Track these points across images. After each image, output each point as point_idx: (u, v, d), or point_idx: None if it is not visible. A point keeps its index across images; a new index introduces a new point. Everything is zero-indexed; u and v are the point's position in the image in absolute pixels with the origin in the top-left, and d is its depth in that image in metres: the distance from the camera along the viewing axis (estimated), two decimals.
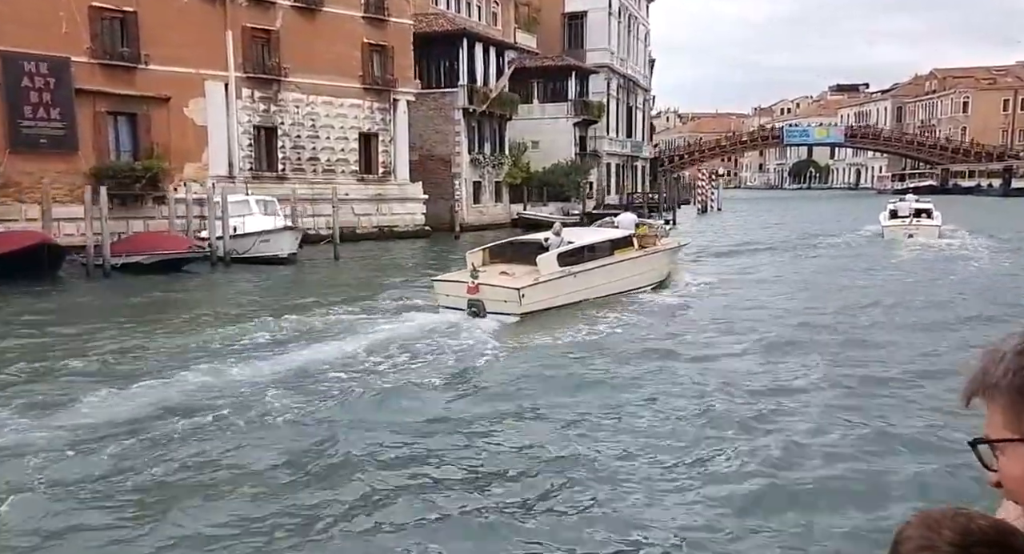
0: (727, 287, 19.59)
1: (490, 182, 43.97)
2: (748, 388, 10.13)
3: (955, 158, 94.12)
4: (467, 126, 41.71)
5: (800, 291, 19.05)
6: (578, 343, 13.13)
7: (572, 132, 52.06)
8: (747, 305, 16.90)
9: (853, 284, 19.82)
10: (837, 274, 21.88)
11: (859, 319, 14.97)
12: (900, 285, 19.50)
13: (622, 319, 15.01)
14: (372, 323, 14.48)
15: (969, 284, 19.40)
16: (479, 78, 42.58)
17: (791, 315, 15.50)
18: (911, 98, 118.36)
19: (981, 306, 15.95)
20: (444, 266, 24.59)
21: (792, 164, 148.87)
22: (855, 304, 16.57)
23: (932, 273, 21.71)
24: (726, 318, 15.34)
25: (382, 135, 35.63)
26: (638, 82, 65.18)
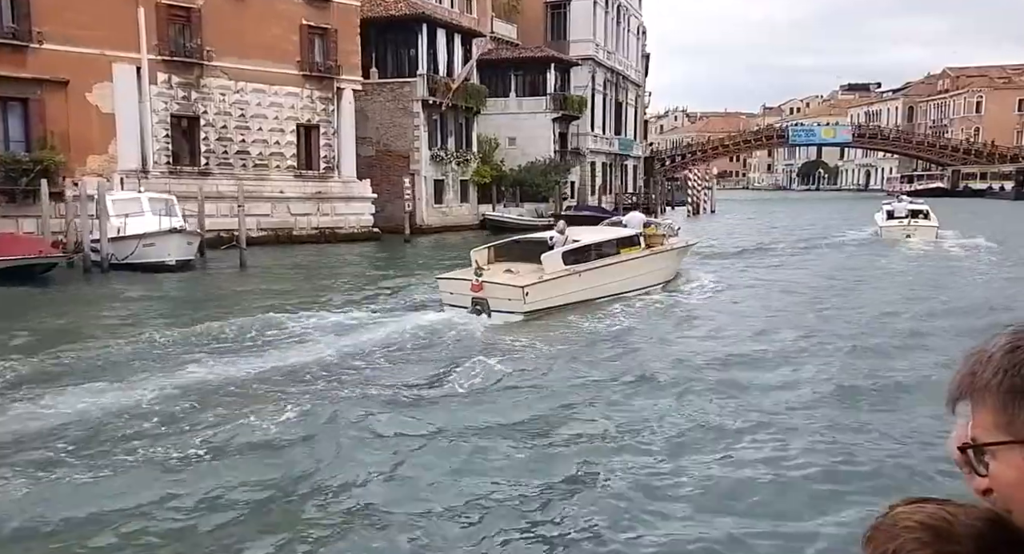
0: (735, 288, 19.25)
1: (455, 181, 40.71)
2: (756, 390, 9.97)
3: (966, 159, 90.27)
4: (428, 119, 38.48)
5: (808, 294, 18.48)
6: (582, 342, 12.98)
7: (551, 128, 48.70)
8: (754, 306, 16.72)
9: (856, 288, 19.38)
10: (841, 277, 21.30)
11: (865, 323, 14.59)
12: (905, 289, 19.09)
13: (627, 319, 14.89)
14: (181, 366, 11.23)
15: (968, 288, 19.00)
16: (441, 68, 39.34)
17: (802, 318, 15.16)
18: (923, 97, 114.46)
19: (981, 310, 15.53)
20: (377, 279, 21.43)
21: (801, 165, 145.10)
22: (861, 309, 16.20)
23: (936, 277, 21.19)
24: (733, 319, 15.12)
25: (324, 127, 32.43)
26: (628, 77, 61.72)
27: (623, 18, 59.78)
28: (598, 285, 16.02)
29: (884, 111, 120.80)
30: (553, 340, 13.03)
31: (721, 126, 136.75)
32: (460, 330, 13.63)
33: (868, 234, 33.33)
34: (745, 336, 13.48)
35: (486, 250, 16.08)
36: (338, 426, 8.38)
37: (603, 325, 14.33)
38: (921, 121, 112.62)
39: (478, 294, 14.51)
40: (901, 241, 29.41)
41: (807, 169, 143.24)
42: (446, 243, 35.50)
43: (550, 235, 16.59)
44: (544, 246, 15.90)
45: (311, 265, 25.84)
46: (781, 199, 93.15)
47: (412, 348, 12.56)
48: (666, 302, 16.90)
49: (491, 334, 13.41)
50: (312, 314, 14.99)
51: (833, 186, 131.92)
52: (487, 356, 11.70)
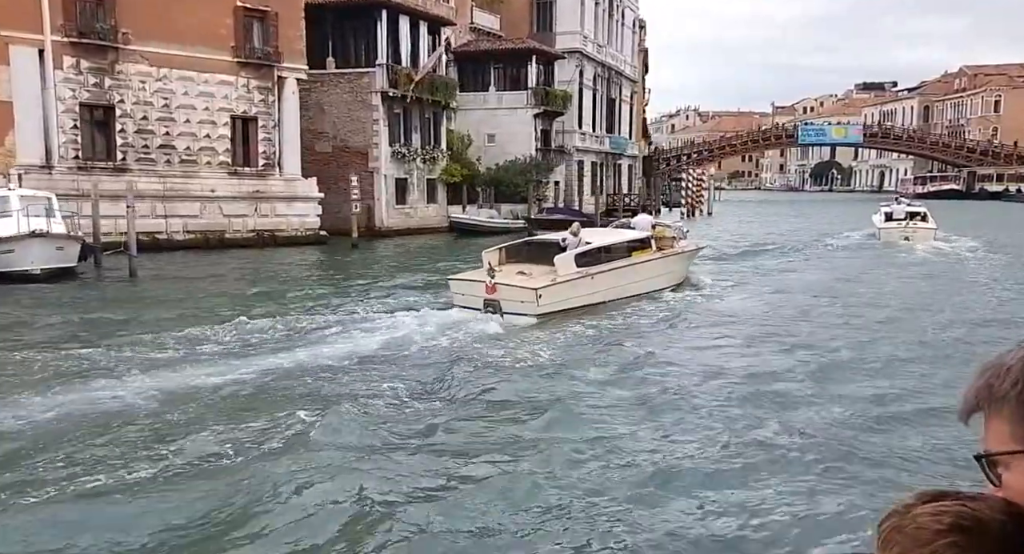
0: (744, 291, 19.10)
1: (420, 180, 37.69)
2: (769, 396, 9.89)
3: (983, 161, 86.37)
4: (388, 113, 35.48)
5: (817, 297, 18.16)
6: (595, 345, 12.87)
7: (532, 124, 45.60)
8: (766, 310, 16.57)
9: (865, 291, 19.26)
10: (849, 280, 21.15)
11: (868, 326, 14.55)
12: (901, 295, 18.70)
13: (641, 322, 14.84)
14: None
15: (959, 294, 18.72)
16: (404, 58, 36.33)
17: (816, 322, 15.05)
18: (939, 97, 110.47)
19: None
20: (301, 298, 18.24)
21: (814, 165, 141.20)
22: (868, 312, 16.15)
23: (930, 281, 20.97)
24: (742, 323, 14.97)
25: (263, 120, 29.50)
26: (623, 72, 58.46)
27: (616, 10, 56.55)
28: (610, 288, 15.88)
29: (899, 111, 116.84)
30: (566, 343, 12.90)
31: (733, 125, 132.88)
32: (471, 330, 13.39)
33: (862, 235, 33.28)
34: (757, 344, 13.17)
35: (497, 251, 15.90)
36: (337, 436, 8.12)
37: (616, 328, 14.24)
38: (937, 121, 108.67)
39: (491, 296, 14.33)
40: (899, 243, 29.21)
41: (820, 170, 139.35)
42: (406, 248, 32.56)
43: (562, 237, 16.30)
44: (556, 248, 15.79)
45: (225, 274, 22.84)
46: (789, 201, 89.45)
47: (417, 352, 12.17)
48: (678, 306, 16.71)
49: (504, 337, 13.17)
50: (146, 350, 12.03)
51: (847, 187, 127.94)
52: (499, 358, 11.65)
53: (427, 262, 27.82)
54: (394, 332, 13.24)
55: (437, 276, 22.79)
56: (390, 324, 13.84)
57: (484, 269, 14.91)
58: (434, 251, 32.34)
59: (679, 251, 18.69)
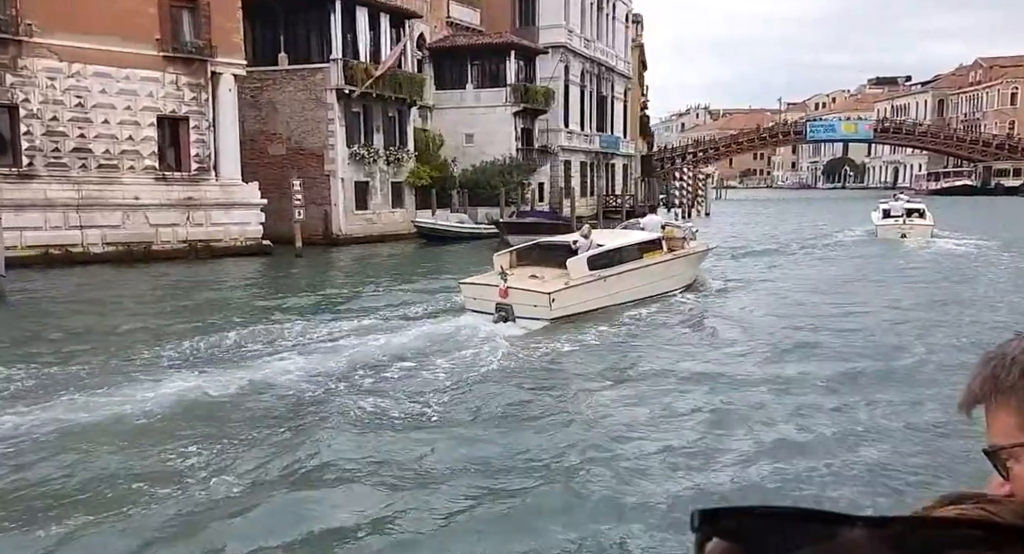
0: (755, 291, 18.96)
1: (384, 183, 34.89)
2: (786, 401, 9.63)
3: (999, 155, 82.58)
4: (345, 112, 32.70)
5: (825, 296, 18.03)
6: (612, 350, 12.64)
7: (512, 123, 42.74)
8: (778, 310, 16.38)
9: (872, 288, 19.25)
10: (856, 278, 21.15)
11: (883, 327, 14.30)
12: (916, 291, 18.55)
13: (657, 326, 14.67)
14: None
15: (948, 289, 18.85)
16: (364, 53, 33.55)
17: (830, 323, 14.65)
18: (953, 90, 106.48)
19: None
20: (217, 324, 15.65)
21: (826, 162, 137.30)
22: (877, 311, 15.98)
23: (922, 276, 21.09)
24: (756, 323, 14.84)
25: (195, 120, 26.77)
26: (614, 68, 55.41)
27: (606, 4, 53.50)
28: (622, 290, 15.62)
29: (912, 105, 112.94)
30: (581, 348, 12.69)
31: (744, 123, 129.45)
32: (483, 336, 13.04)
33: (860, 233, 33.11)
34: (776, 341, 13.10)
35: (508, 254, 15.66)
36: None
37: (631, 331, 14.05)
38: (952, 115, 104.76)
39: (503, 300, 14.02)
40: (895, 240, 29.08)
41: (832, 167, 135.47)
42: (362, 258, 29.79)
43: (573, 239, 16.05)
44: (568, 250, 15.46)
45: (124, 295, 20.11)
46: (798, 199, 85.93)
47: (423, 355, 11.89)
48: (692, 308, 16.52)
49: (518, 342, 12.87)
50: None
51: (860, 184, 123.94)
52: (513, 364, 11.47)
53: (378, 274, 25.05)
54: (400, 337, 12.93)
55: (386, 292, 20.23)
56: (397, 328, 13.77)
57: (496, 272, 14.59)
58: (393, 261, 29.55)
59: (690, 252, 18.32)
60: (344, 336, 13.50)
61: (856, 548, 0.62)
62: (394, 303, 17.58)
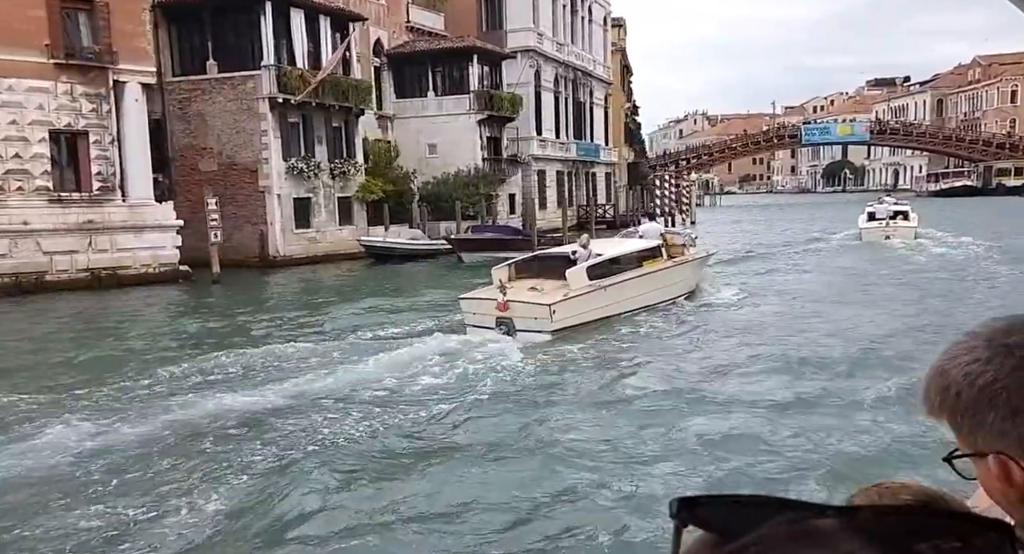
0: (757, 297, 18.57)
1: (329, 198, 31.80)
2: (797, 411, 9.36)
3: (1000, 154, 79.01)
4: (280, 122, 29.66)
5: (826, 300, 17.84)
6: (614, 364, 12.20)
7: (477, 131, 39.67)
8: (780, 316, 16.10)
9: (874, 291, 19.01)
10: (857, 280, 21.05)
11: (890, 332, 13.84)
12: None
13: (657, 335, 14.34)
14: None
15: None
16: (302, 58, 30.54)
17: (830, 327, 14.49)
18: (952, 89, 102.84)
19: None
20: None
21: (825, 165, 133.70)
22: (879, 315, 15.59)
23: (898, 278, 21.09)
24: (761, 330, 14.58)
25: (96, 134, 23.72)
26: (592, 73, 52.28)
27: (580, 6, 50.41)
28: (623, 300, 15.30)
29: (911, 105, 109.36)
30: (584, 361, 12.37)
31: (742, 128, 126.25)
32: (484, 351, 12.57)
33: (844, 237, 32.79)
34: (782, 348, 12.73)
35: (507, 267, 15.19)
36: None
37: (633, 342, 13.78)
38: (952, 115, 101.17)
39: (503, 314, 13.75)
40: (879, 242, 29.04)
41: (832, 170, 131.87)
42: (299, 282, 26.74)
43: (572, 249, 15.89)
44: (567, 261, 15.21)
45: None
46: (794, 204, 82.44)
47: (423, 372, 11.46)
48: (693, 316, 16.20)
49: (518, 355, 12.38)
50: None
51: (860, 187, 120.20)
52: (516, 380, 11.12)
53: (303, 300, 22.03)
54: (401, 353, 12.50)
55: (296, 322, 17.49)
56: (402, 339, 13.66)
57: (495, 286, 14.22)
58: (331, 284, 26.45)
59: (689, 259, 17.99)
60: (223, 380, 11.54)
61: (826, 535, 0.62)
62: (296, 335, 15.34)
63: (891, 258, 25.63)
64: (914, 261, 24.66)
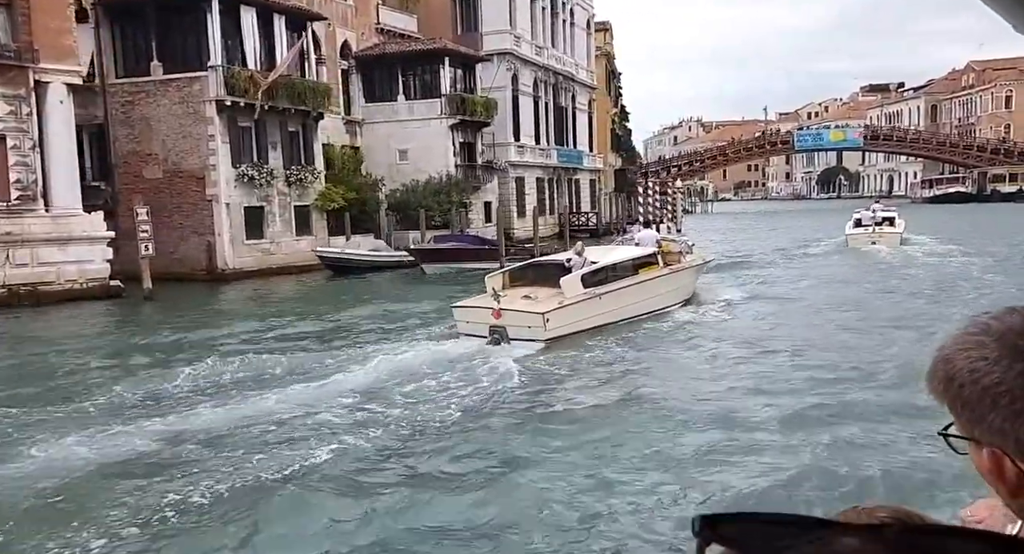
0: (754, 303, 18.35)
1: (284, 207, 29.76)
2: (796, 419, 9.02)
3: (995, 160, 76.94)
4: (229, 126, 27.63)
5: (826, 305, 17.79)
6: (608, 374, 11.84)
7: (449, 137, 37.67)
8: (778, 322, 15.90)
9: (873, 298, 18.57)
10: (850, 285, 21.04)
11: None
12: None
13: (654, 342, 14.03)
14: None
15: None
16: (255, 60, 28.54)
17: (830, 333, 14.38)
18: (946, 95, 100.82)
19: None
20: None
21: (820, 172, 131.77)
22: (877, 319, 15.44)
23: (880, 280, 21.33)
24: (760, 337, 14.23)
25: (14, 138, 21.65)
26: (575, 78, 50.27)
27: (561, 9, 48.42)
28: (618, 308, 14.91)
29: (905, 111, 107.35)
30: (577, 370, 12.05)
31: (737, 134, 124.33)
32: (477, 360, 12.31)
33: (831, 244, 32.36)
34: (781, 354, 12.61)
35: (501, 276, 15.01)
36: None
37: (629, 350, 13.25)
38: (946, 120, 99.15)
39: (497, 322, 13.40)
40: (865, 248, 28.96)
41: (826, 176, 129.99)
42: (242, 297, 24.72)
43: (567, 257, 15.73)
44: (561, 269, 14.95)
45: None
46: (788, 210, 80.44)
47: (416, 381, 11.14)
48: (689, 323, 15.73)
49: (511, 364, 12.01)
50: None
51: (855, 193, 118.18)
52: (508, 389, 10.77)
53: (245, 319, 19.91)
54: (389, 361, 12.30)
55: (212, 344, 15.35)
56: None
57: (488, 294, 13.98)
58: (278, 300, 24.32)
59: (686, 266, 17.66)
60: None
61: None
62: (220, 353, 13.78)
63: (873, 264, 25.38)
64: (895, 267, 24.56)
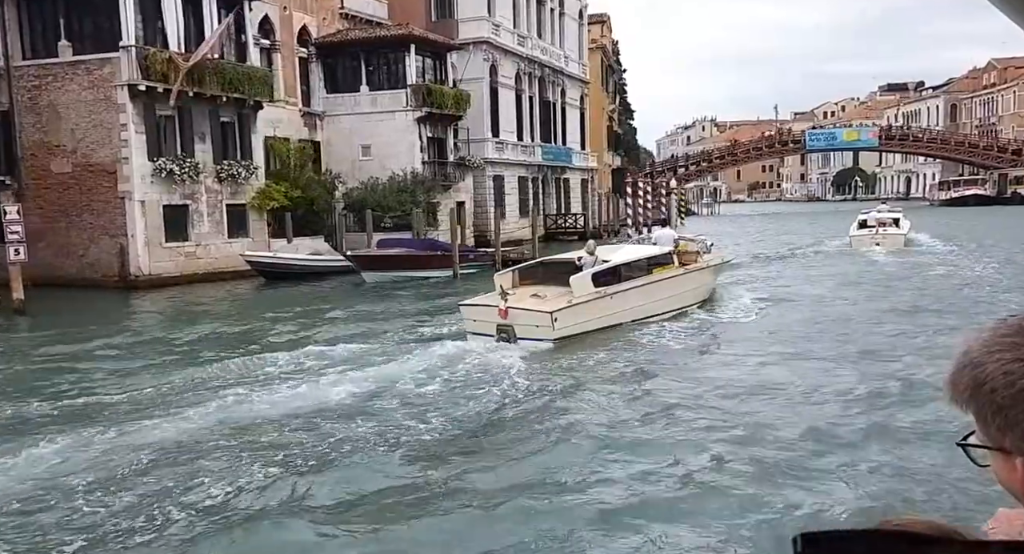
0: (777, 305, 17.35)
1: (215, 206, 26.30)
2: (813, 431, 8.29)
3: (1016, 161, 72.20)
4: (145, 115, 24.23)
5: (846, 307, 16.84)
6: (617, 372, 11.43)
7: (416, 131, 34.14)
8: (801, 326, 14.90)
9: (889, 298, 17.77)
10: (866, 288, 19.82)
11: None
12: None
13: (664, 344, 13.34)
14: None
15: None
16: (177, 41, 25.13)
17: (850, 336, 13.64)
18: (967, 94, 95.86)
19: None
20: None
21: (836, 173, 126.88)
22: None
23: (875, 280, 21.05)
24: (777, 341, 13.51)
25: None
26: (564, 71, 46.53)
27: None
28: (630, 308, 14.32)
29: (923, 111, 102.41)
30: (584, 371, 11.43)
31: (750, 134, 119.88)
32: (483, 360, 11.88)
33: (832, 246, 31.58)
34: (801, 359, 11.94)
35: (510, 273, 14.58)
36: None
37: (638, 352, 12.64)
38: (966, 120, 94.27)
39: (504, 321, 12.84)
40: (867, 249, 28.31)
41: (843, 177, 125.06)
42: (151, 309, 21.39)
43: (578, 256, 14.81)
44: (572, 267, 14.33)
45: None
46: (801, 212, 76.00)
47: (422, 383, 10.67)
48: (703, 325, 15.06)
49: (516, 365, 11.59)
50: None
51: (871, 195, 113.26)
52: (512, 390, 10.31)
53: (132, 336, 16.61)
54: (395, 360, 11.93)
55: None
56: None
57: (496, 292, 13.27)
58: (191, 315, 20.78)
59: (702, 266, 17.01)
60: None
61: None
62: None
63: (871, 266, 24.64)
64: (894, 268, 23.89)
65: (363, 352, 13.15)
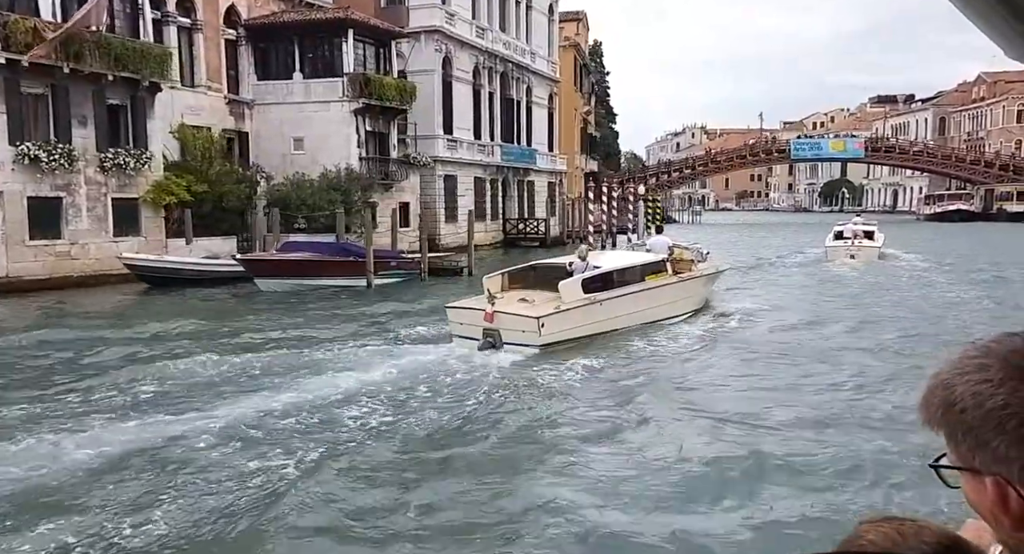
0: (767, 315, 16.79)
1: (96, 200, 22.43)
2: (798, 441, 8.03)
3: (1002, 176, 68.58)
4: (7, 92, 20.47)
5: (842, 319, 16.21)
6: (603, 381, 10.92)
7: (352, 123, 30.37)
8: (790, 335, 14.52)
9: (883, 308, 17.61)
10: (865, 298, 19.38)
11: None
12: None
13: (654, 353, 12.89)
14: None
15: None
16: (51, 10, 21.32)
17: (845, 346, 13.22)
18: (956, 107, 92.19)
19: None
20: None
21: (823, 184, 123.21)
22: None
23: None
24: (768, 351, 13.00)
25: None
26: (530, 68, 42.73)
27: None
28: (621, 315, 13.70)
29: (912, 123, 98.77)
30: (569, 379, 10.90)
31: (739, 142, 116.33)
32: (467, 365, 11.47)
33: (803, 257, 31.56)
34: (793, 370, 11.55)
35: (499, 277, 13.81)
36: None
37: (626, 361, 12.17)
38: (954, 134, 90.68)
39: (490, 325, 12.29)
40: (841, 261, 28.02)
41: (830, 188, 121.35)
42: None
43: (569, 261, 14.44)
44: (562, 272, 13.76)
45: None
46: (784, 223, 72.25)
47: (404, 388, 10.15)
48: (692, 334, 14.34)
49: (500, 370, 11.19)
50: None
51: (857, 207, 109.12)
52: (494, 396, 9.85)
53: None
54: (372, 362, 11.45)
55: None
56: None
57: (484, 296, 12.71)
58: (33, 328, 17.09)
59: (697, 274, 16.23)
60: None
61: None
62: None
63: (843, 277, 24.44)
64: (865, 280, 23.56)
65: None
